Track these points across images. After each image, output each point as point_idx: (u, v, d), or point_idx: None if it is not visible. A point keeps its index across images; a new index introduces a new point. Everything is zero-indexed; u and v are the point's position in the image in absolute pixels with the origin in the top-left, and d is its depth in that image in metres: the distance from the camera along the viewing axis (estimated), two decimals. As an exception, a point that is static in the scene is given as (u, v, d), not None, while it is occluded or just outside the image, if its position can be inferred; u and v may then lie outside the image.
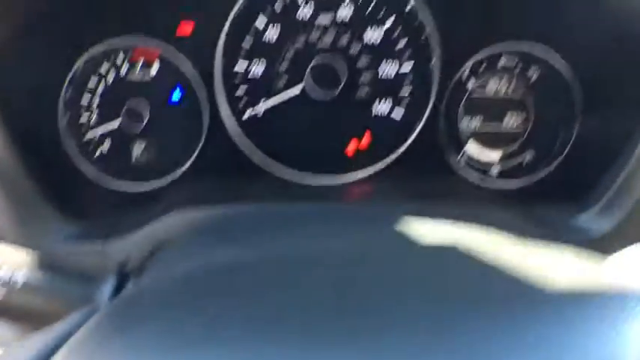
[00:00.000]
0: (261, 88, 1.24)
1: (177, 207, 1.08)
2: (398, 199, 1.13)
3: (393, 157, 1.26)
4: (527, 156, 1.29)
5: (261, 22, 1.21)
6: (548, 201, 1.17)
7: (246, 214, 0.97)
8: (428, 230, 0.82)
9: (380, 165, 1.27)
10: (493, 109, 1.27)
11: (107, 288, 0.94)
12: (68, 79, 1.20)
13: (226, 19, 1.19)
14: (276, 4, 1.20)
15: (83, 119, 1.23)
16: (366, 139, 1.27)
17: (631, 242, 0.99)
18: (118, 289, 0.93)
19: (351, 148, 1.28)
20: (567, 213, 1.09)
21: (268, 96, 1.23)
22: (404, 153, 1.26)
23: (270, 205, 1.03)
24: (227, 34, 1.20)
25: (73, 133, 1.23)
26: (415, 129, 1.25)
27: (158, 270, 0.87)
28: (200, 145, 1.24)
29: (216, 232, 0.95)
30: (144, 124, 1.23)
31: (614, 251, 0.99)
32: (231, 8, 1.18)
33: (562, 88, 1.24)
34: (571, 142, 1.24)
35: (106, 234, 1.06)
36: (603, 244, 1.01)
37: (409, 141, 1.25)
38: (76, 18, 1.16)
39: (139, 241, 1.01)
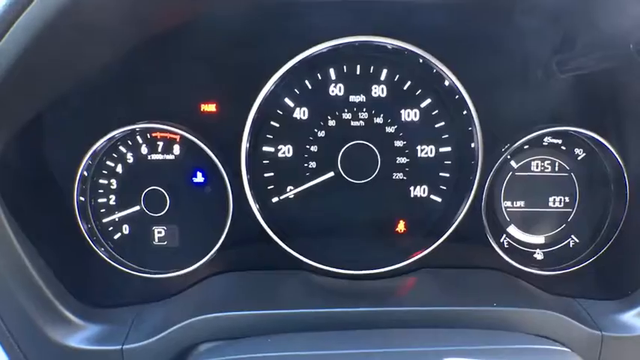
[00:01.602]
0: (291, 171, 1.17)
1: (200, 306, 1.04)
2: (437, 298, 1.07)
3: (434, 245, 1.17)
4: (571, 242, 1.21)
5: (289, 103, 1.14)
6: (591, 291, 1.14)
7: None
8: None
9: (419, 254, 1.18)
10: (537, 188, 1.20)
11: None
12: (86, 159, 1.11)
13: (254, 102, 1.12)
14: (306, 84, 1.14)
15: (101, 201, 1.16)
16: (404, 224, 1.20)
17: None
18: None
19: (390, 233, 1.20)
20: (611, 307, 1.08)
21: (298, 179, 1.16)
22: (446, 239, 1.17)
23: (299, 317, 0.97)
24: (254, 117, 1.12)
25: (90, 216, 1.15)
26: (459, 212, 1.16)
27: None
28: (225, 232, 1.15)
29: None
30: (166, 208, 1.17)
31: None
32: (259, 90, 1.11)
33: (609, 171, 1.17)
34: (618, 230, 1.16)
35: (125, 335, 1.01)
36: None
37: (453, 227, 1.16)
38: (95, 104, 1.10)
39: (159, 349, 0.98)
